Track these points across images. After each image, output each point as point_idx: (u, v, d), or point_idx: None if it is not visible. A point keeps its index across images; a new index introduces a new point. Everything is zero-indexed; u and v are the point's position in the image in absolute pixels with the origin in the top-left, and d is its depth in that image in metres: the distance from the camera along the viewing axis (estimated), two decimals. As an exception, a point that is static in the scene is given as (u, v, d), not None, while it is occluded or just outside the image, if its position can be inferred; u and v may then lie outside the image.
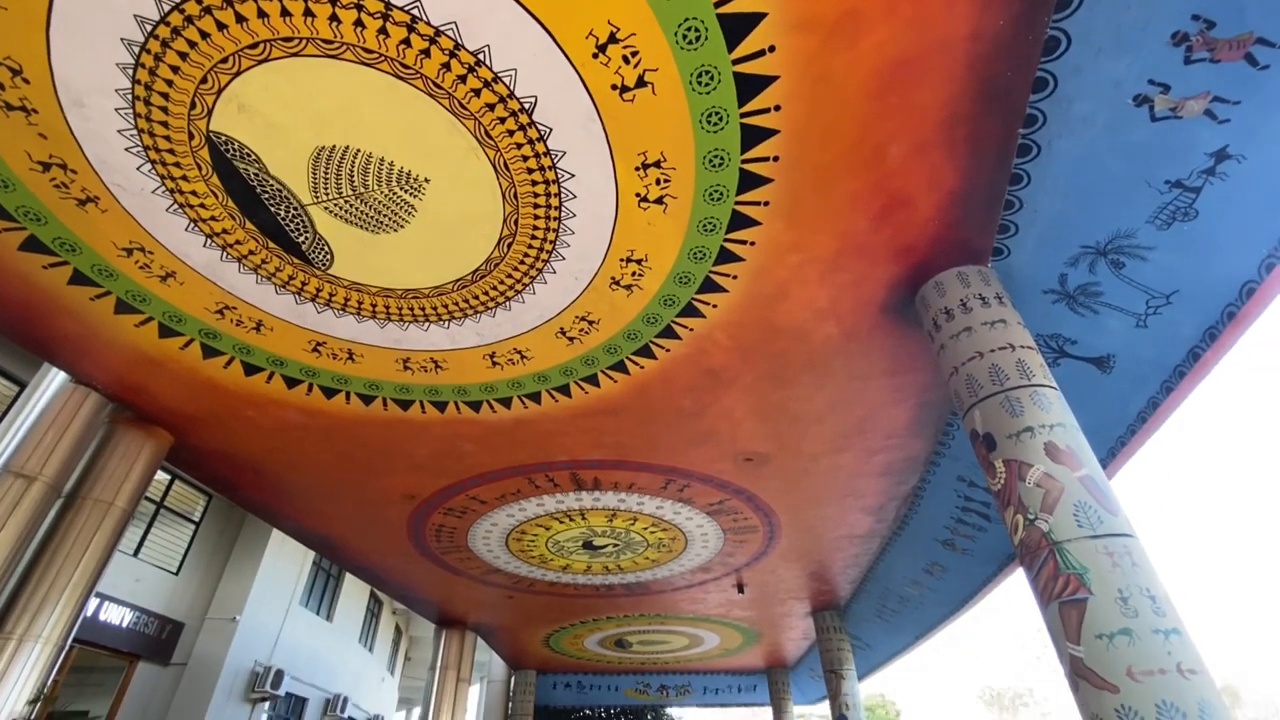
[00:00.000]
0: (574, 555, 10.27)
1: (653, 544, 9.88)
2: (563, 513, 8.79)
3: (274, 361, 5.80)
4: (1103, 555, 3.41)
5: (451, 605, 13.15)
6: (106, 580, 11.32)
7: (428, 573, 10.97)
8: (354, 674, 18.61)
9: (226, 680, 12.99)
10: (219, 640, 13.24)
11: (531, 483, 7.95)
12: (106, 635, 11.57)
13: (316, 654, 16.30)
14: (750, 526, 9.23)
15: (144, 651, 12.32)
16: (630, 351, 5.60)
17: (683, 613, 13.53)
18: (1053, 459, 3.79)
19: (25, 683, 5.15)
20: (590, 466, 7.60)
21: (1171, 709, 2.93)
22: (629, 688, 19.40)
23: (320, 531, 9.53)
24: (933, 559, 9.49)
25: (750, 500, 8.44)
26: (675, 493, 8.24)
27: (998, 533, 8.02)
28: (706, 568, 10.88)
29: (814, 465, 7.58)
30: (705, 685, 19.47)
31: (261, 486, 8.05)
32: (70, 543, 5.80)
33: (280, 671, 14.05)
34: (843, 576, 11.43)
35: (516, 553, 10.05)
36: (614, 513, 8.84)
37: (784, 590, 12.18)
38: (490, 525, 9.05)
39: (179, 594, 13.26)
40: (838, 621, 13.03)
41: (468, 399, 6.25)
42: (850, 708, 12.05)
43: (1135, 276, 4.36)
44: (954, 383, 4.51)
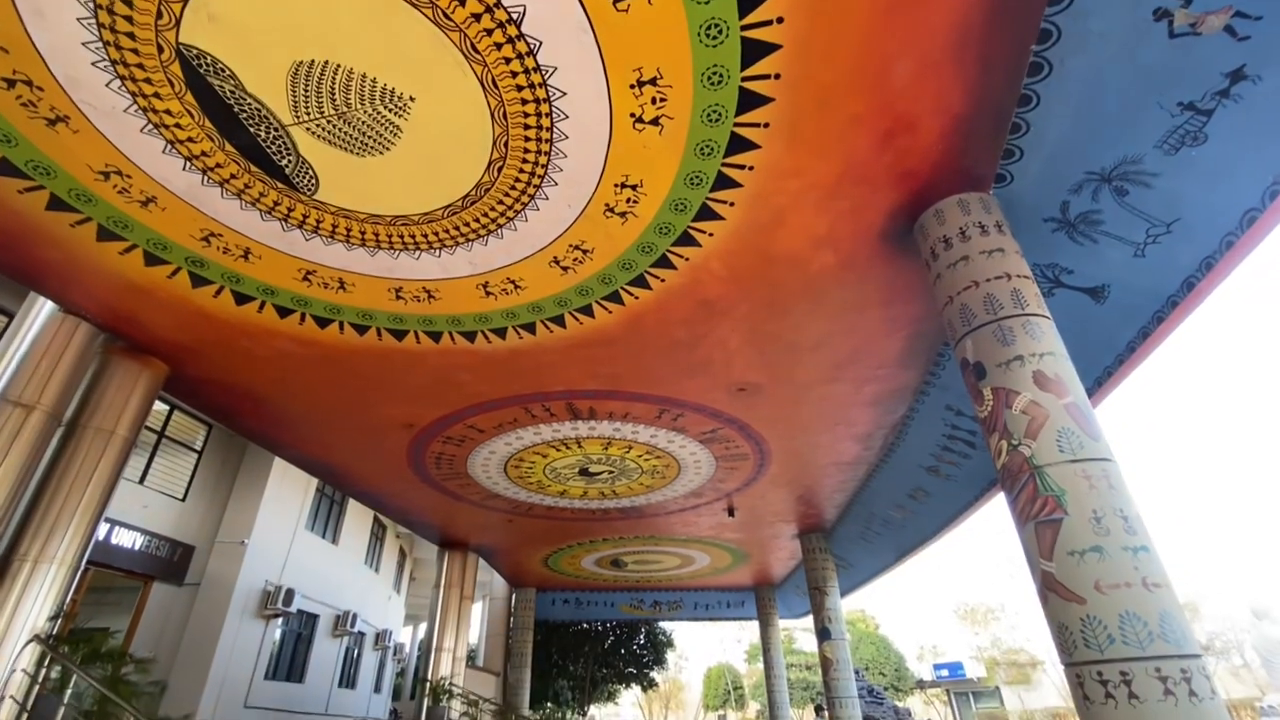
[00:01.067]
0: (571, 481, 10.57)
1: (647, 470, 10.17)
2: (559, 441, 8.98)
3: (264, 290, 5.73)
4: (1080, 479, 3.54)
5: (453, 528, 13.63)
6: (116, 506, 11.60)
7: (429, 498, 11.30)
8: (361, 593, 19.46)
9: (239, 599, 13.58)
10: (229, 562, 13.74)
11: (528, 412, 8.06)
12: (120, 558, 11.99)
13: (324, 574, 16.98)
14: (742, 454, 9.48)
15: (158, 573, 12.81)
16: (625, 282, 5.55)
17: (675, 535, 14.10)
18: (1040, 387, 3.86)
19: (44, 601, 5.38)
20: (586, 396, 7.70)
21: (1133, 618, 3.13)
22: (624, 603, 20.50)
23: (322, 459, 9.73)
24: (917, 484, 9.84)
25: (742, 429, 8.63)
26: (669, 422, 8.40)
27: (981, 459, 8.28)
28: (699, 493, 11.25)
29: (806, 395, 7.70)
30: (696, 601, 20.59)
31: (260, 415, 8.14)
32: (75, 470, 5.90)
33: (290, 590, 14.69)
34: (829, 501, 11.86)
35: (515, 479, 10.34)
36: (609, 441, 9.03)
37: (773, 514, 12.66)
38: (489, 453, 9.26)
39: (187, 519, 13.66)
40: (823, 543, 13.63)
41: (462, 329, 6.24)
42: (832, 621, 12.81)
43: (1138, 204, 4.30)
44: (948, 312, 4.53)
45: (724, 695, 57.15)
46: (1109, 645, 3.13)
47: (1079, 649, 3.25)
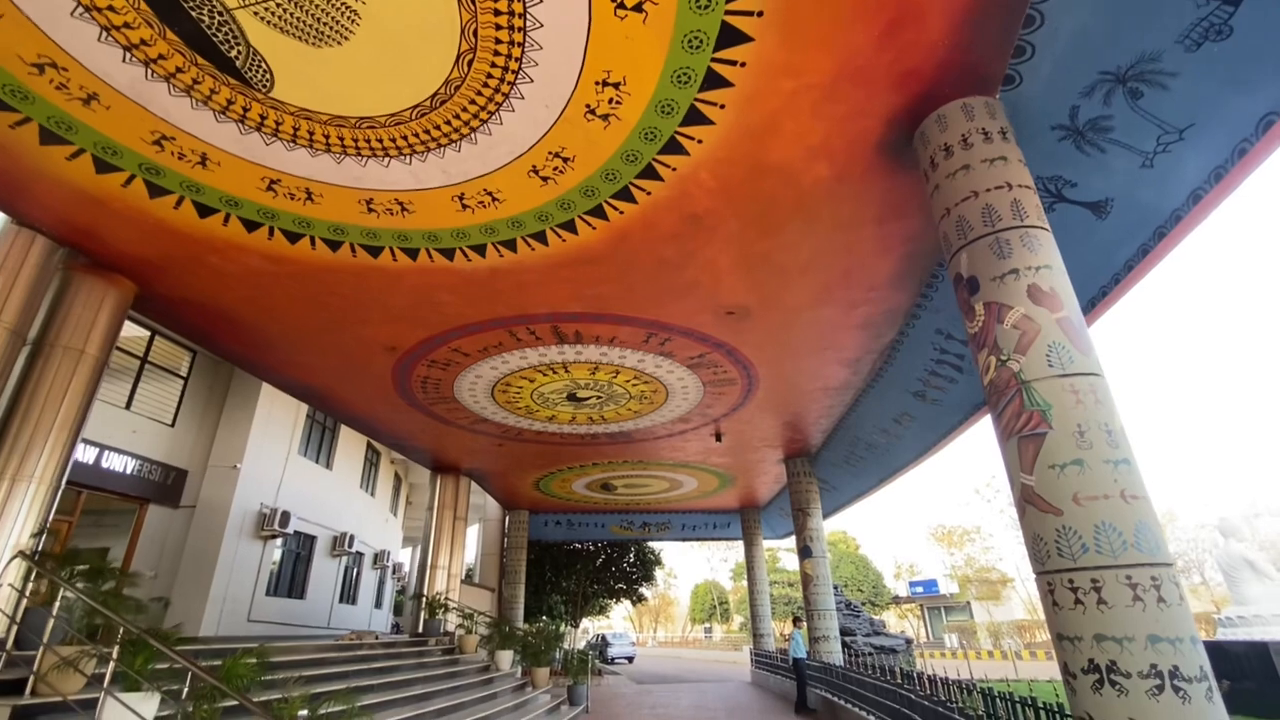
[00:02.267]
0: (559, 406, 10.59)
1: (635, 396, 10.17)
2: (546, 366, 8.90)
3: (228, 202, 5.42)
4: (1067, 393, 3.49)
5: (444, 453, 13.78)
6: (104, 431, 11.59)
7: (418, 423, 11.33)
8: (357, 515, 19.94)
9: (235, 521, 13.86)
10: (223, 485, 13.92)
11: (513, 335, 7.93)
12: (112, 481, 12.08)
13: (319, 498, 17.31)
14: (729, 379, 9.46)
15: (152, 496, 12.98)
16: (609, 194, 5.28)
17: (664, 459, 14.35)
18: (1034, 301, 3.74)
19: (26, 518, 5.37)
20: (571, 319, 7.54)
21: (1109, 529, 3.15)
22: (614, 525, 21.19)
23: (306, 383, 9.64)
24: (903, 409, 9.92)
25: (730, 354, 8.56)
26: (657, 346, 8.30)
27: (968, 383, 8.30)
28: (686, 418, 11.33)
29: (795, 319, 7.59)
30: (683, 523, 21.30)
31: (238, 337, 7.96)
32: (47, 388, 5.77)
33: (286, 513, 14.99)
34: (815, 426, 12.01)
35: (503, 404, 10.33)
36: (596, 366, 8.96)
37: (759, 439, 12.84)
38: (475, 377, 9.19)
39: (178, 444, 13.72)
40: (808, 467, 13.93)
41: (439, 246, 5.99)
42: (814, 540, 13.27)
43: (1152, 108, 4.04)
44: (944, 226, 4.34)
45: (710, 610, 60.50)
46: (1082, 554, 3.17)
47: (1052, 558, 3.29)
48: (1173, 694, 2.81)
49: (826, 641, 12.25)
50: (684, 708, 12.63)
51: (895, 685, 7.00)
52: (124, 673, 4.64)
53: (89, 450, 11.43)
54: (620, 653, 31.09)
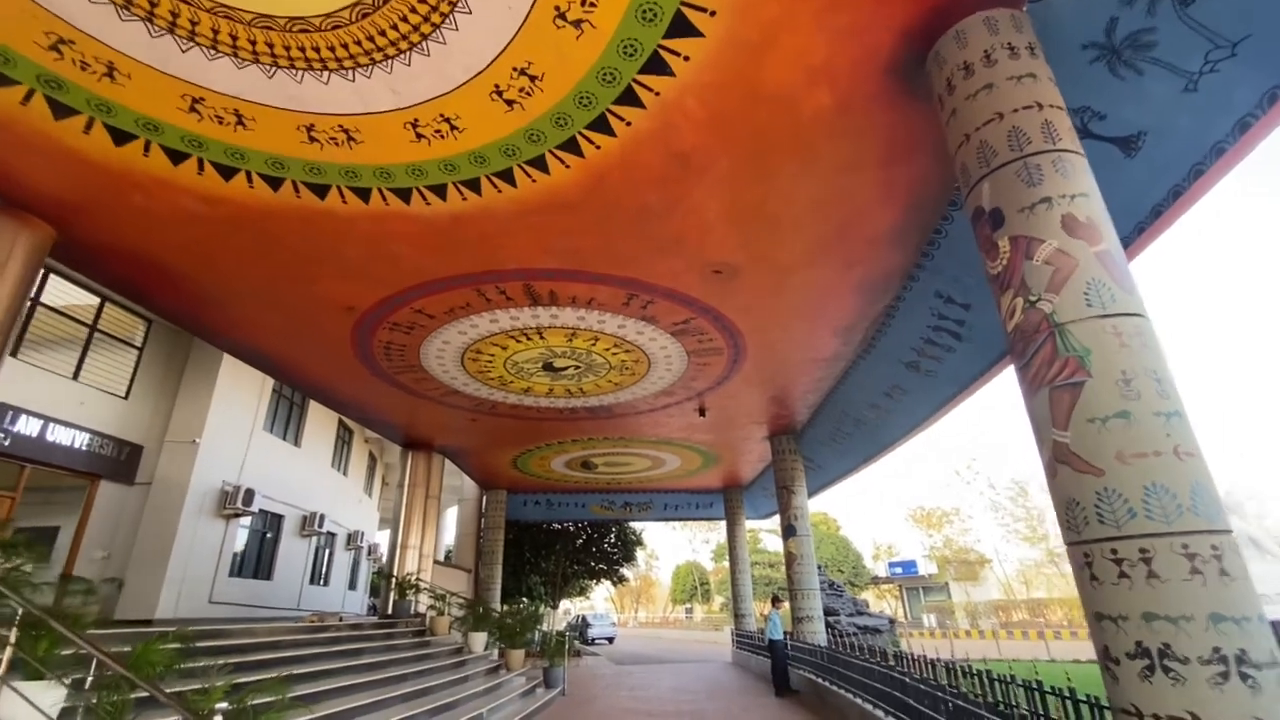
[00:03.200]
0: (535, 377, 10.01)
1: (615, 366, 9.62)
2: (519, 330, 8.30)
3: (146, 126, 4.72)
4: (1109, 336, 3.00)
5: (415, 428, 13.16)
6: (47, 401, 10.79)
7: (384, 394, 10.69)
8: (329, 495, 19.24)
9: (195, 498, 13.16)
10: (181, 462, 13.20)
11: (481, 295, 7.31)
12: (59, 455, 11.31)
13: (287, 476, 16.61)
14: (714, 348, 8.94)
15: (104, 471, 12.22)
16: (583, 124, 4.67)
17: (645, 436, 13.86)
18: (1069, 232, 3.24)
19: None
20: (544, 277, 6.94)
21: (1161, 491, 2.68)
22: (595, 504, 20.74)
23: (260, 349, 8.95)
24: (894, 382, 9.50)
25: (716, 320, 8.03)
26: (638, 310, 7.74)
27: (966, 352, 7.87)
28: (669, 391, 10.82)
29: (787, 280, 7.06)
30: (665, 502, 20.93)
31: (177, 293, 7.23)
32: (-57, 340, 5.06)
33: (250, 490, 14.29)
34: (802, 402, 11.58)
35: (474, 374, 9.72)
36: (573, 332, 8.38)
37: (744, 415, 12.39)
38: (442, 343, 8.56)
39: (132, 417, 12.95)
40: (793, 444, 13.53)
41: (393, 185, 5.34)
42: (798, 519, 12.92)
43: (1202, 17, 3.52)
44: (962, 155, 3.81)
45: (691, 590, 60.78)
46: (1128, 520, 2.70)
47: (1090, 525, 2.83)
48: (1240, 682, 2.36)
49: (810, 621, 11.95)
50: (663, 690, 12.29)
51: (887, 667, 6.62)
52: (24, 660, 4.05)
53: (31, 422, 10.66)
54: (601, 633, 30.92)
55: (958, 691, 5.23)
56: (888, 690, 6.63)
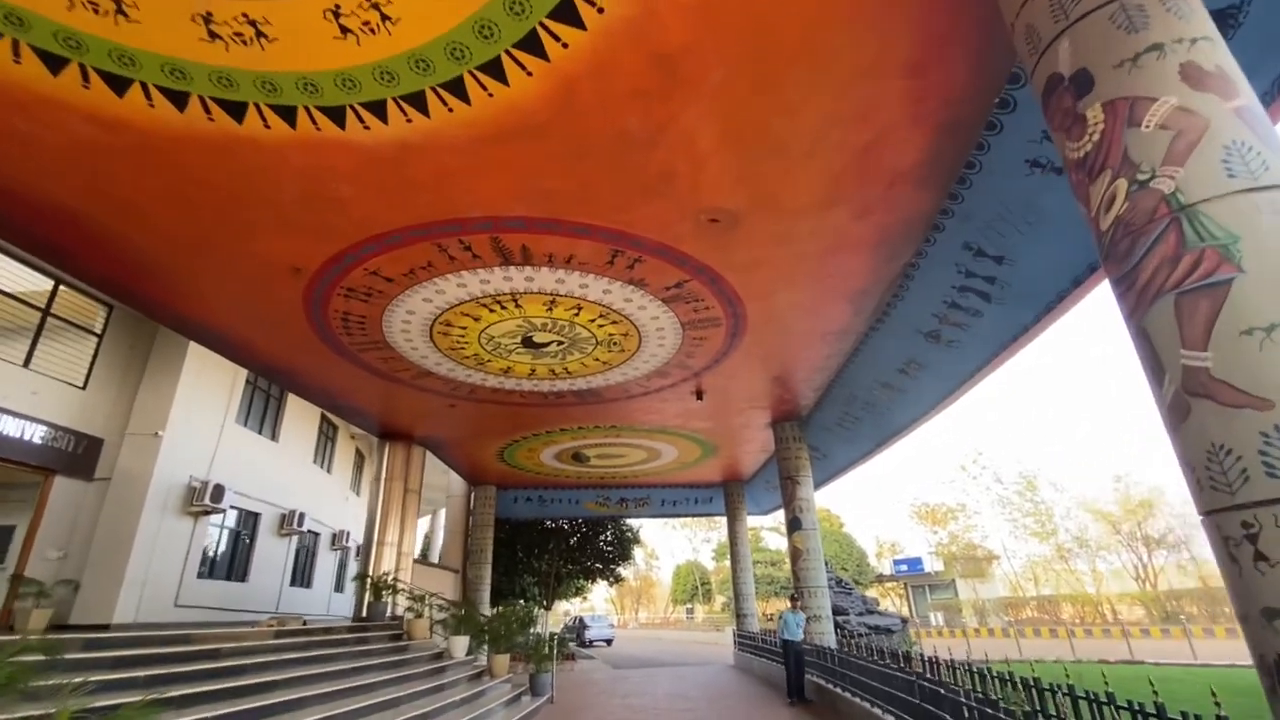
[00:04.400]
0: (514, 355, 9.10)
1: (602, 341, 8.71)
2: (491, 298, 7.40)
3: (8, 19, 3.82)
4: (1266, 214, 2.11)
5: (391, 417, 12.27)
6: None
7: (351, 378, 9.78)
8: (310, 492, 18.35)
9: (157, 494, 12.28)
10: (143, 456, 12.32)
11: (444, 252, 6.40)
12: (9, 448, 10.46)
13: (263, 472, 15.72)
14: (712, 319, 8.04)
15: (59, 466, 11.35)
16: (545, 10, 3.77)
17: (639, 424, 12.96)
18: (1193, 85, 2.35)
19: None
20: (515, 228, 6.04)
21: (1371, 423, 1.78)
22: (589, 500, 19.80)
23: (204, 323, 8.05)
24: (910, 356, 8.60)
25: (714, 282, 7.13)
26: (625, 270, 6.84)
27: (994, 316, 6.98)
28: (663, 372, 9.92)
29: (794, 229, 6.16)
30: (663, 498, 19.99)
31: (103, 254, 6.33)
32: None
33: (220, 486, 13.41)
34: (808, 383, 10.68)
35: (447, 350, 8.81)
36: (553, 299, 7.48)
37: (744, 399, 11.50)
38: (406, 313, 7.66)
39: (91, 409, 12.07)
40: (797, 431, 12.64)
41: (322, 103, 4.44)
42: (804, 511, 12.02)
43: None
44: (1027, 15, 2.91)
45: (692, 591, 59.85)
46: (1321, 470, 1.81)
47: (1254, 481, 1.93)
48: None
49: (819, 621, 11.05)
50: (659, 696, 11.39)
51: (914, 675, 5.72)
52: None
53: None
54: (599, 635, 30.05)
55: (1007, 705, 4.33)
56: (915, 701, 5.74)
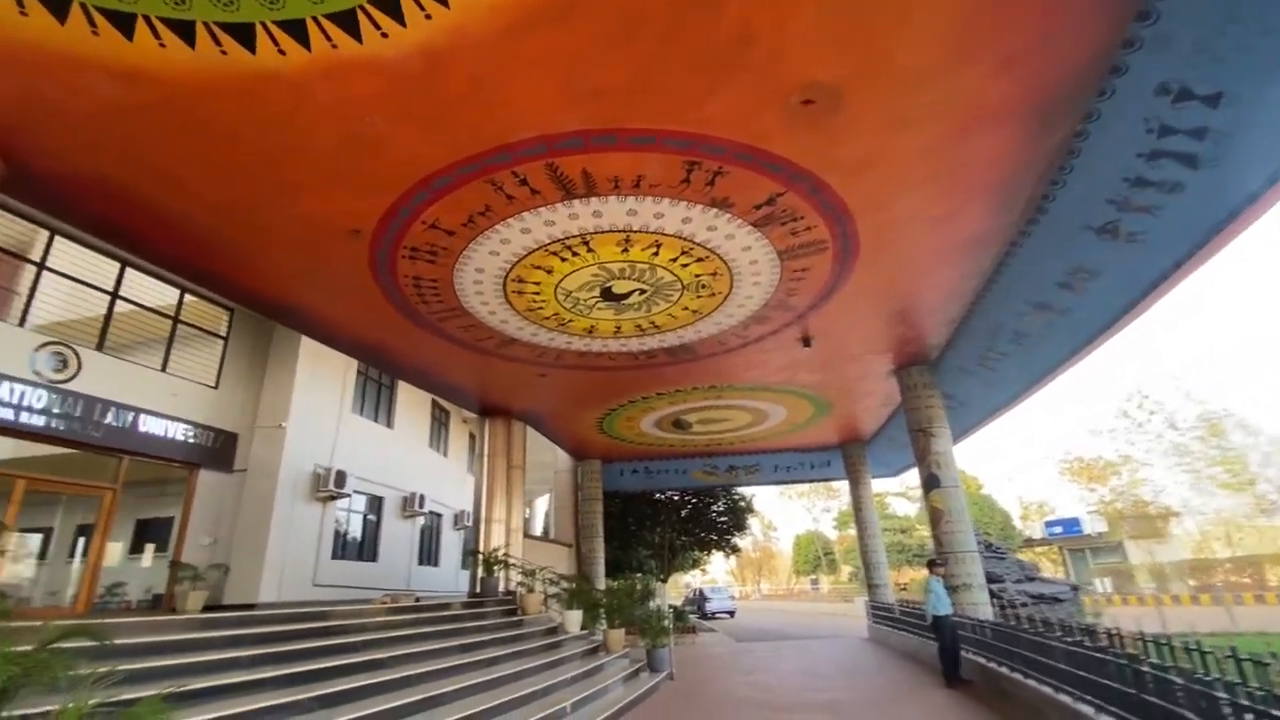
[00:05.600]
0: (596, 311, 8.37)
1: (688, 285, 7.75)
2: (559, 243, 6.66)
3: (-10, -44, 3.49)
4: None
5: (487, 392, 12.09)
6: (140, 394, 10.74)
7: (438, 351, 9.55)
8: (428, 475, 19.05)
9: (287, 482, 13.01)
10: (271, 446, 13.11)
11: (500, 191, 5.72)
12: (156, 446, 11.37)
13: (381, 457, 16.41)
14: (815, 242, 6.82)
15: (202, 460, 12.29)
16: None
17: (740, 381, 11.88)
18: None
19: None
20: (570, 147, 5.20)
21: None
22: (696, 470, 18.97)
23: (280, 301, 8.00)
24: (1077, 263, 6.88)
25: (815, 192, 5.93)
26: (704, 189, 5.82)
27: (1201, 188, 5.24)
28: (762, 317, 8.78)
29: (913, 106, 4.85)
30: (775, 464, 18.72)
31: (165, 231, 6.25)
32: None
33: (342, 473, 14.06)
34: (938, 316, 9.10)
35: (525, 312, 8.25)
36: (627, 236, 6.61)
37: (860, 342, 10.09)
38: (475, 271, 7.12)
39: (224, 406, 12.99)
40: (927, 377, 11.02)
41: (328, 10, 3.81)
42: (941, 466, 10.47)
43: None
44: None
45: (815, 561, 57.82)
46: None
47: None
48: None
49: (969, 591, 9.58)
50: (786, 673, 10.44)
51: (1128, 658, 4.36)
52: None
53: (124, 414, 10.64)
54: (719, 607, 29.49)
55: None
56: (1124, 688, 4.39)
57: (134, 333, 11.77)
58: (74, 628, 3.20)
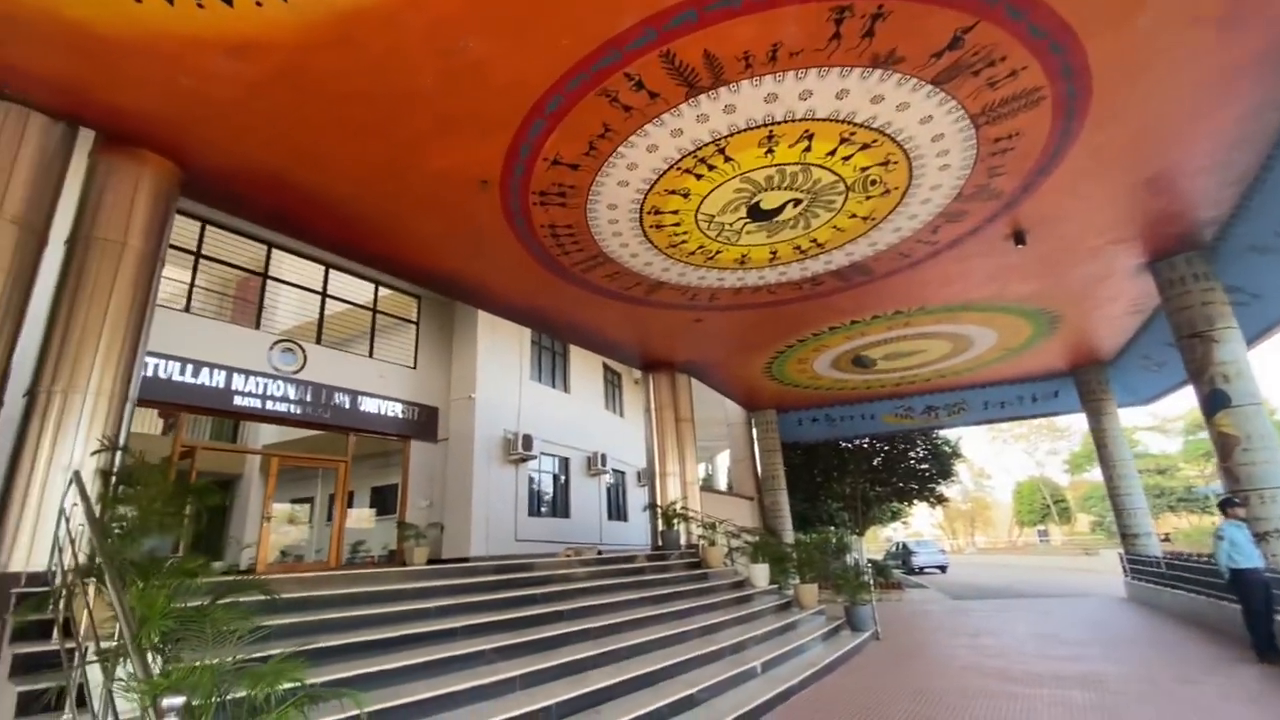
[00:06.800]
0: (746, 236, 7.42)
1: (854, 185, 6.45)
2: (691, 155, 5.82)
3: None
4: None
5: (644, 345, 11.77)
6: (356, 378, 12.21)
7: (588, 305, 9.31)
8: (607, 436, 19.67)
9: (481, 448, 14.14)
10: (465, 416, 14.31)
11: (616, 103, 5.04)
12: (375, 423, 12.98)
13: (561, 420, 17.22)
14: (1024, 93, 5.16)
15: (411, 432, 13.81)
16: None
17: (933, 303, 10.06)
18: None
19: (83, 434, 4.53)
20: (683, 24, 4.30)
21: None
22: (886, 413, 17.01)
23: (435, 269, 8.21)
24: None
25: (1017, 15, 4.37)
26: (860, 46, 4.58)
27: None
28: (954, 212, 7.12)
29: None
30: (985, 399, 16.05)
31: (323, 214, 6.60)
32: (90, 289, 4.91)
33: (528, 436, 14.97)
34: (1213, 177, 6.66)
35: (668, 249, 7.58)
36: (769, 133, 5.56)
37: (1095, 230, 7.83)
38: (608, 209, 6.59)
39: (424, 384, 14.43)
40: (1201, 267, 8.34)
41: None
42: (1232, 379, 7.88)
43: None
44: None
45: (1041, 510, 50.78)
46: None
47: None
48: None
49: None
50: (1022, 636, 8.80)
51: None
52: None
53: (343, 397, 12.15)
54: (928, 561, 27.03)
55: None
56: None
57: (343, 327, 13.40)
58: (245, 582, 3.31)
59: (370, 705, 2.92)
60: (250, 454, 14.01)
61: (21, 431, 4.45)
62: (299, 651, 2.55)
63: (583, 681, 5.04)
